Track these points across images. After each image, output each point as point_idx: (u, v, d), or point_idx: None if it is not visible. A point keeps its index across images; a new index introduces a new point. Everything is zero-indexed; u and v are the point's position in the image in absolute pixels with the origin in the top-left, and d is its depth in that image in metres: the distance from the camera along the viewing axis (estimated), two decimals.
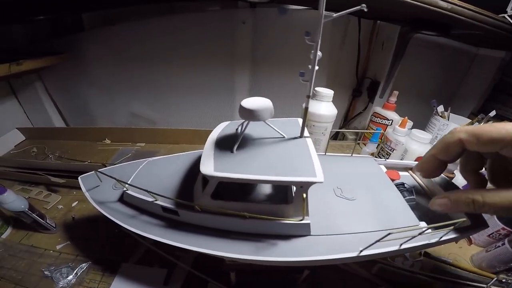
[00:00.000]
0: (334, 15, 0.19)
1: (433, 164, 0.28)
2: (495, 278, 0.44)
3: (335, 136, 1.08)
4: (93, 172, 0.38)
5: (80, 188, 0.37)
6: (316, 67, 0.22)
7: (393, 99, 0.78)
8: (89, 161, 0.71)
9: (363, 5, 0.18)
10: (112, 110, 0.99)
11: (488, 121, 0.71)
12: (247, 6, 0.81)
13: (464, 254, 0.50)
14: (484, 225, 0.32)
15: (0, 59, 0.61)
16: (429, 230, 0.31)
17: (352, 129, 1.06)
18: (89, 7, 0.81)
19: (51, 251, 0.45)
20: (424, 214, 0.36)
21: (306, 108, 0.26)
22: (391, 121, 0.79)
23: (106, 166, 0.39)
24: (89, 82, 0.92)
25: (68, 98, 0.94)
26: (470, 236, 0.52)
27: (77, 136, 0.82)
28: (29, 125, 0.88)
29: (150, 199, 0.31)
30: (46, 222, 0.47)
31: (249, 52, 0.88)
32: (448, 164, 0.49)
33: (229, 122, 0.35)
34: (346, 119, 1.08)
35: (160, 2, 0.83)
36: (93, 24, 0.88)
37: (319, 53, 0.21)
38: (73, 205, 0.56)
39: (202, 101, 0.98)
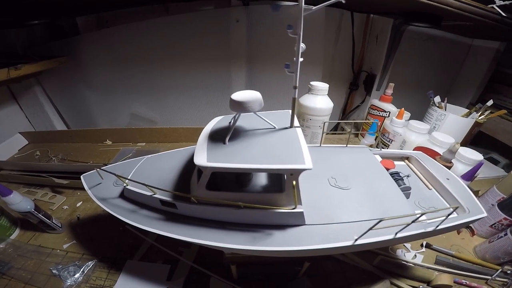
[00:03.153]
0: (313, 8, 0.19)
1: None
2: (500, 270, 0.43)
3: (334, 129, 1.09)
4: (95, 170, 0.39)
5: (84, 189, 0.38)
6: (301, 59, 0.23)
7: (389, 91, 0.78)
8: (91, 162, 0.72)
9: None
10: (112, 111, 1.00)
11: (485, 110, 0.71)
12: (240, 4, 0.82)
13: (467, 245, 0.49)
14: (480, 213, 0.32)
15: None
16: (424, 217, 0.32)
17: (350, 123, 1.06)
18: (83, 11, 0.82)
19: (58, 251, 0.46)
20: (419, 202, 0.37)
21: (294, 99, 0.27)
22: (388, 113, 0.80)
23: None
24: (88, 84, 0.93)
25: (68, 101, 0.95)
26: (473, 227, 0.52)
27: (79, 138, 0.83)
28: (31, 129, 0.90)
29: (149, 193, 0.32)
30: (52, 222, 0.48)
31: (244, 49, 0.89)
32: (445, 154, 0.50)
33: (222, 116, 0.36)
34: (345, 112, 1.09)
35: (155, 3, 0.84)
36: (88, 27, 0.89)
37: (302, 45, 0.22)
38: (78, 205, 0.57)
39: (200, 99, 0.98)
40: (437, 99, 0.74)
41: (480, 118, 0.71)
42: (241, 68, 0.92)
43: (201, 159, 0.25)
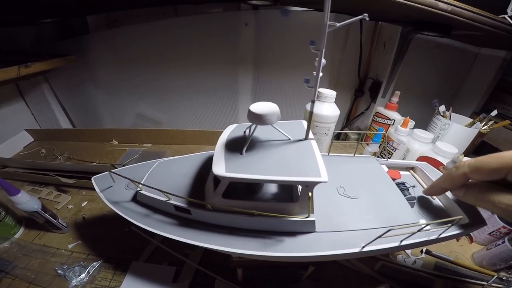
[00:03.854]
0: (338, 24, 0.20)
1: (439, 190, 0.33)
2: (496, 276, 0.44)
3: (337, 136, 1.09)
4: (106, 173, 0.39)
5: (89, 188, 0.38)
6: (321, 74, 0.23)
7: (395, 99, 0.78)
8: (97, 161, 0.72)
9: (365, 14, 0.20)
10: (119, 111, 1.00)
11: (490, 120, 0.72)
12: (249, 8, 0.82)
13: (465, 252, 0.50)
14: (482, 222, 0.33)
15: (9, 62, 0.62)
16: (428, 227, 0.32)
17: (354, 129, 1.07)
18: (94, 10, 0.83)
19: (63, 250, 0.46)
20: (423, 212, 0.37)
21: (311, 112, 0.28)
22: (393, 121, 0.80)
23: (115, 167, 0.40)
24: (95, 83, 0.94)
25: (74, 99, 0.95)
26: (472, 235, 0.53)
27: (85, 137, 0.83)
28: (36, 127, 0.90)
29: (163, 198, 0.33)
30: (58, 222, 0.48)
31: (252, 53, 0.89)
32: (449, 164, 0.51)
33: (236, 124, 0.36)
34: (349, 119, 1.09)
35: (164, 4, 0.85)
36: (98, 27, 0.89)
37: (323, 60, 0.22)
38: (83, 205, 0.57)
39: (207, 102, 0.99)
40: (442, 108, 0.74)
41: (483, 128, 0.71)
42: (248, 71, 0.92)
43: (220, 169, 0.26)
